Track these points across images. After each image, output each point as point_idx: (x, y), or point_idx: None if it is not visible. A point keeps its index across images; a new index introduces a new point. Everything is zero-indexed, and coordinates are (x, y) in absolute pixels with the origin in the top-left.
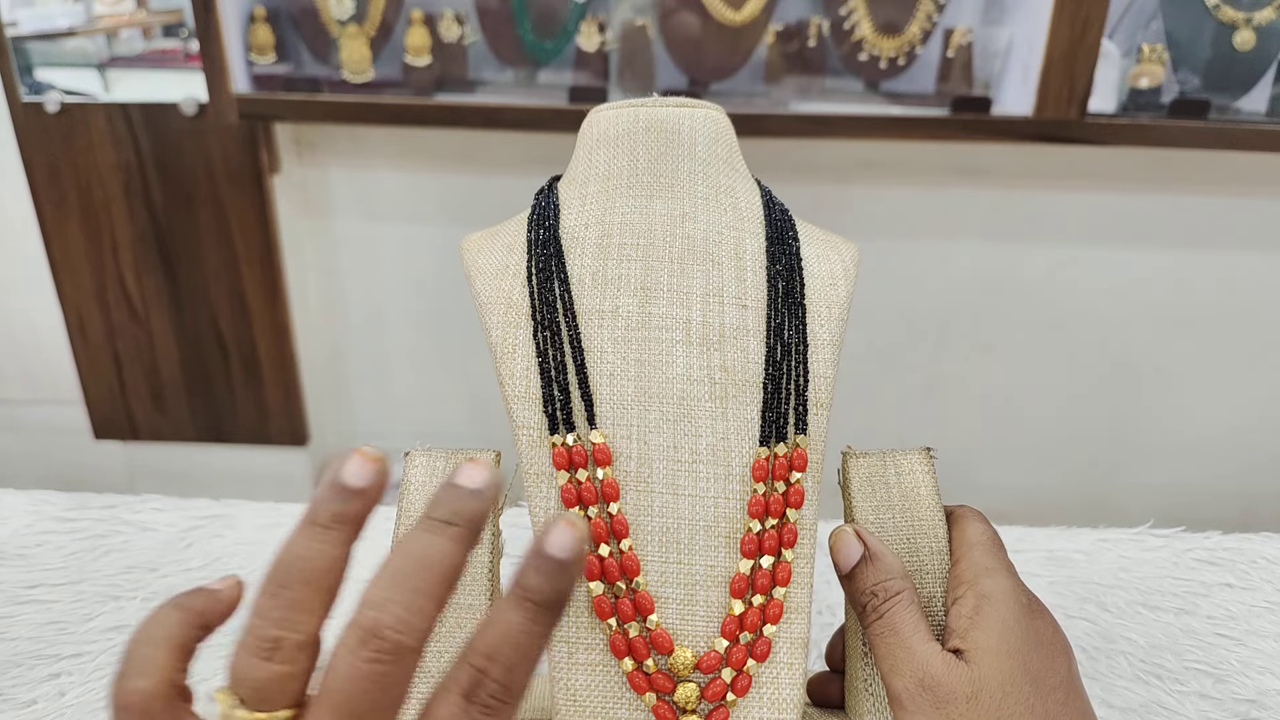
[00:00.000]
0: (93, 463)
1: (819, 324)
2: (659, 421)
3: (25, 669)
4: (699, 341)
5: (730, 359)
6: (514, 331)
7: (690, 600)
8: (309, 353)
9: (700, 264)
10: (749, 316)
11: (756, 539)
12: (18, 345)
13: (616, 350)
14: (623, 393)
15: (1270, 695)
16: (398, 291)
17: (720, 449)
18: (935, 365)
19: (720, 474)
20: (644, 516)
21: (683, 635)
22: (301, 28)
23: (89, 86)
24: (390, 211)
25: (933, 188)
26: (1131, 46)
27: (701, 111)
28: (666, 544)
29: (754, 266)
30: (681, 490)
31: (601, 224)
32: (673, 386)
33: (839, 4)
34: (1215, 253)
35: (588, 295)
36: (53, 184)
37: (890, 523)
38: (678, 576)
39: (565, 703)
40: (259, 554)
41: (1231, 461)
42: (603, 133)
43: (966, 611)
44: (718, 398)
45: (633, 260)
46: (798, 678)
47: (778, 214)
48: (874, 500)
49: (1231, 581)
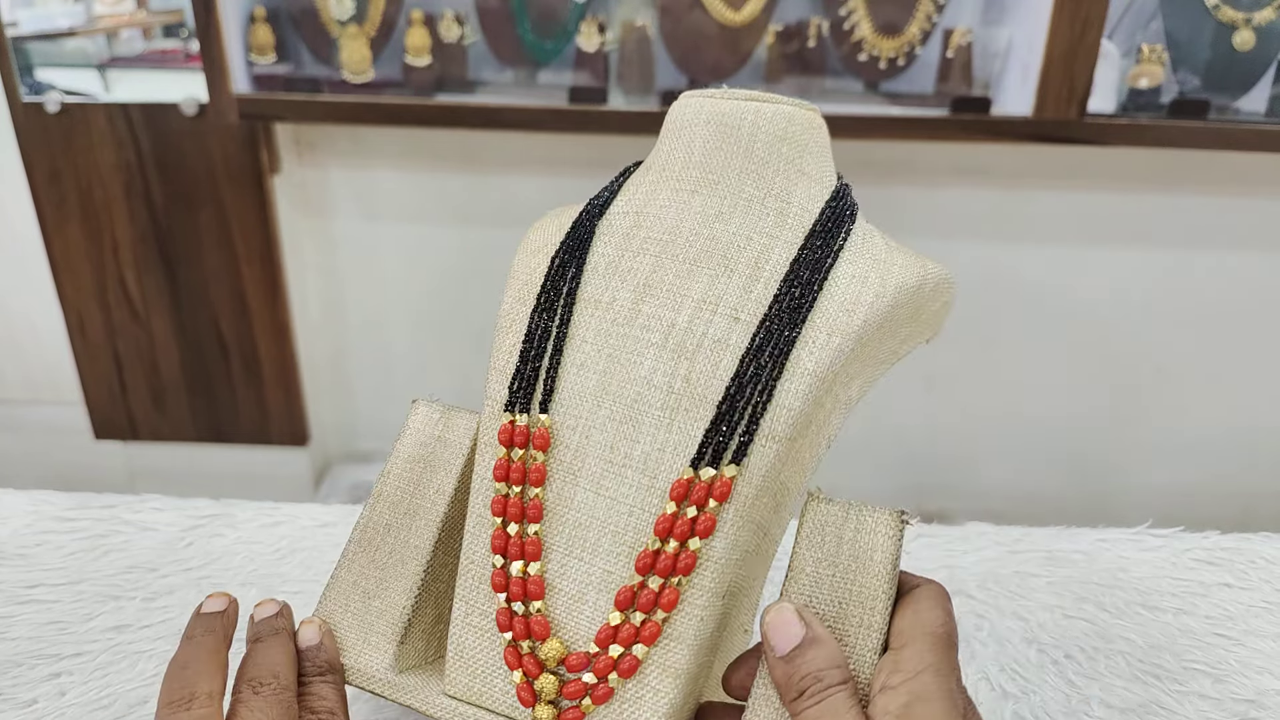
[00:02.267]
0: (93, 463)
1: (807, 351)
2: (606, 420)
3: (25, 668)
4: (674, 348)
5: (697, 371)
6: (518, 307)
7: (580, 598)
8: (309, 353)
9: (712, 268)
10: (736, 331)
11: (653, 556)
12: (18, 345)
13: (595, 342)
14: (585, 385)
15: (1269, 695)
16: (398, 291)
17: (653, 460)
18: (935, 365)
19: (645, 484)
20: (562, 507)
21: (564, 629)
22: (302, 28)
23: (89, 87)
24: (390, 211)
25: (933, 188)
26: (1131, 47)
27: (773, 108)
28: (574, 539)
29: (769, 278)
30: (604, 491)
31: (639, 214)
32: (630, 388)
33: (839, 4)
34: (1215, 253)
35: (594, 284)
36: (53, 184)
37: (828, 580)
38: (575, 573)
39: (454, 656)
40: (259, 554)
41: (1230, 461)
42: (673, 121)
43: (894, 709)
44: (669, 408)
45: (648, 254)
46: (661, 707)
47: (834, 220)
48: (818, 552)
49: (1230, 581)
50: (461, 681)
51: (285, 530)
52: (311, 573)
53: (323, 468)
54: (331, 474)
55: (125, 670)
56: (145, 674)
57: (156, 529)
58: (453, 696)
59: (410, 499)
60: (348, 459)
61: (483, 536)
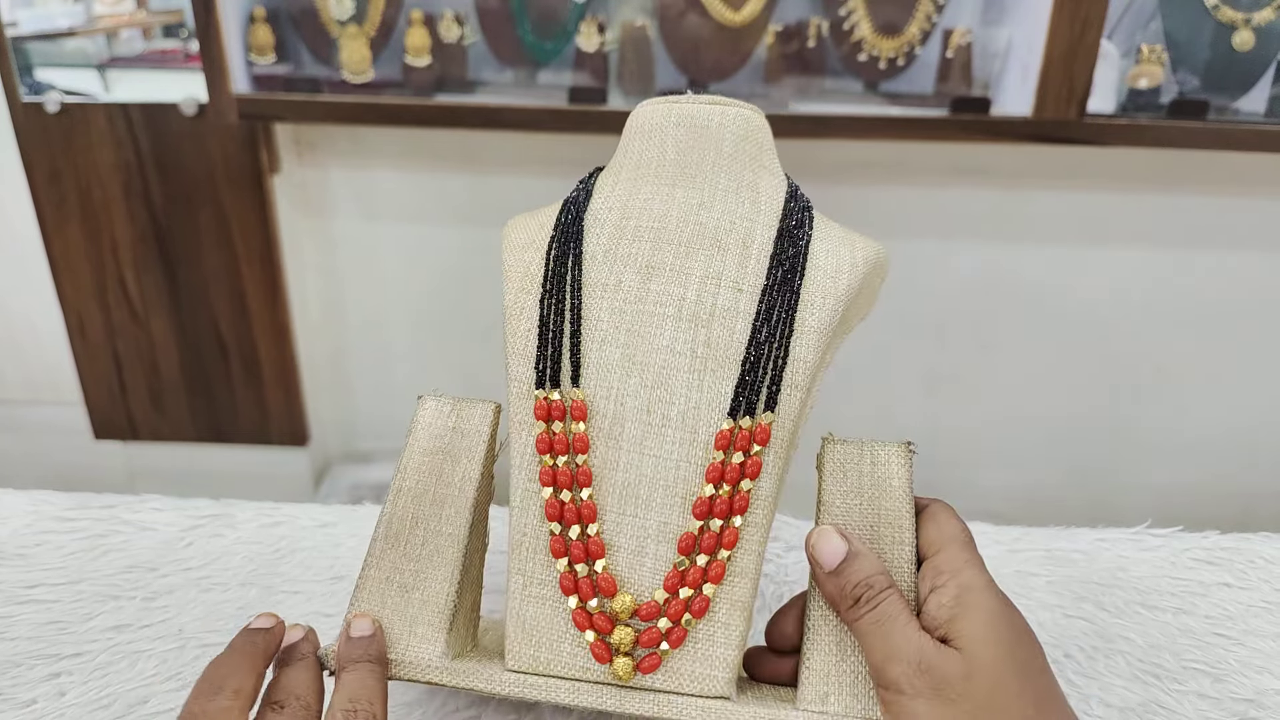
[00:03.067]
0: (92, 463)
1: (809, 312)
2: (638, 386)
3: (25, 669)
4: (689, 318)
5: (716, 336)
6: (525, 297)
7: (640, 551)
8: (309, 353)
9: (706, 249)
10: (742, 300)
11: (708, 502)
12: (18, 345)
13: (612, 320)
14: (609, 358)
15: (1268, 694)
16: (398, 291)
17: (690, 416)
18: (935, 365)
19: (686, 439)
20: (609, 470)
21: (629, 583)
22: (301, 28)
23: (89, 87)
24: (390, 212)
25: (932, 188)
26: (1130, 47)
27: (734, 110)
28: (625, 497)
29: (759, 254)
30: (648, 450)
31: (624, 207)
32: (656, 356)
33: (838, 4)
34: (1214, 253)
35: (597, 269)
36: (53, 184)
37: (857, 509)
38: (632, 528)
39: (515, 630)
40: (259, 554)
41: (1230, 461)
42: (640, 125)
43: (947, 601)
44: (696, 370)
45: (643, 241)
46: (734, 639)
47: (799, 209)
48: (844, 485)
49: (1230, 581)
50: (527, 654)
51: (285, 530)
52: (311, 573)
53: (322, 468)
54: (331, 474)
55: (125, 670)
56: (145, 674)
57: (156, 529)
58: (518, 671)
59: (434, 489)
60: (348, 459)
61: (532, 509)
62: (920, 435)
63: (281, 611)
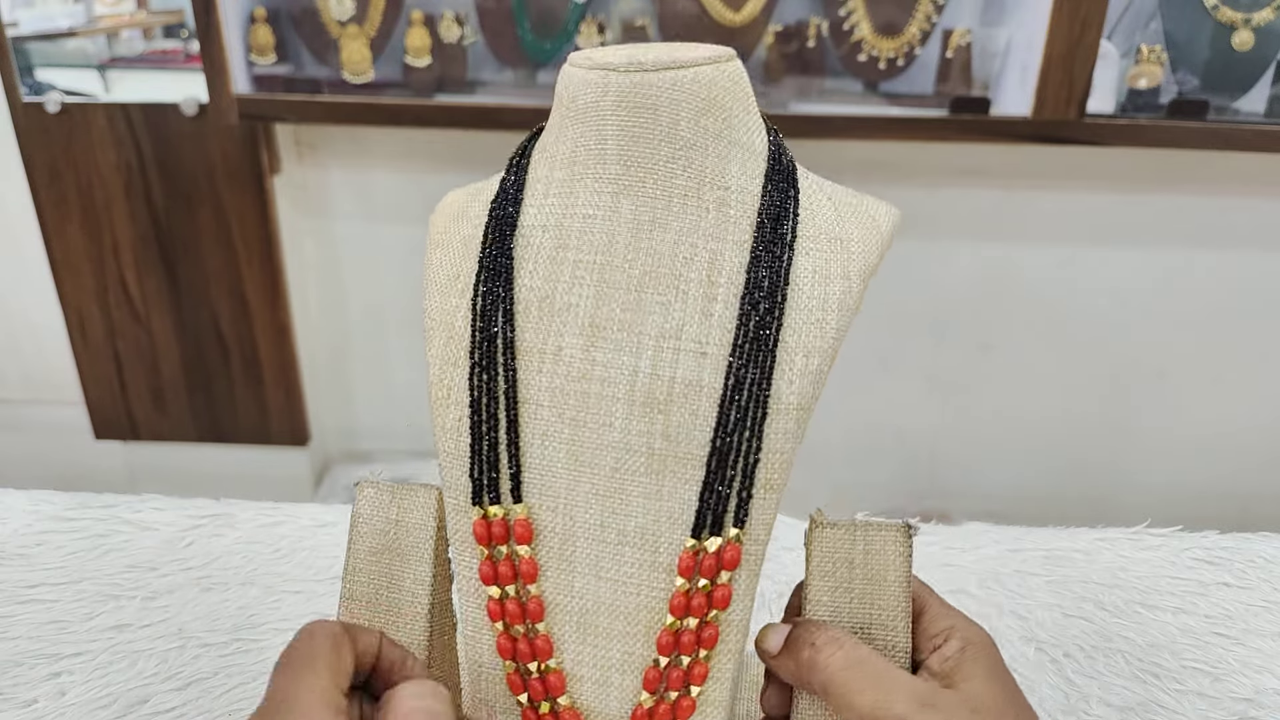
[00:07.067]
0: (93, 462)
1: (786, 382)
2: (588, 495)
3: (26, 668)
4: (642, 401)
5: (675, 424)
6: (452, 371)
7: (605, 683)
8: (309, 353)
9: (661, 291)
10: (705, 368)
11: (674, 636)
12: (18, 345)
13: (553, 404)
14: (553, 457)
15: (1267, 694)
16: (398, 291)
17: (650, 532)
18: (935, 365)
19: (647, 561)
20: (564, 597)
21: (596, 714)
22: (302, 28)
23: (89, 87)
24: (390, 212)
25: (932, 188)
26: (1130, 47)
27: (690, 74)
28: (584, 627)
29: (726, 294)
30: (604, 574)
31: (560, 227)
32: (607, 454)
33: (838, 4)
34: (1214, 253)
35: (532, 328)
36: (53, 184)
37: (845, 607)
38: (593, 660)
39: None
40: (259, 553)
41: (1229, 461)
42: (573, 98)
43: (952, 654)
44: (654, 472)
45: (585, 284)
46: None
47: (777, 199)
48: (832, 581)
49: (1229, 581)
50: None
51: (285, 530)
52: (311, 572)
53: (323, 468)
54: (331, 474)
55: (125, 669)
56: (145, 673)
57: (157, 529)
58: None
59: (387, 595)
60: (348, 459)
61: (484, 641)
62: (920, 435)
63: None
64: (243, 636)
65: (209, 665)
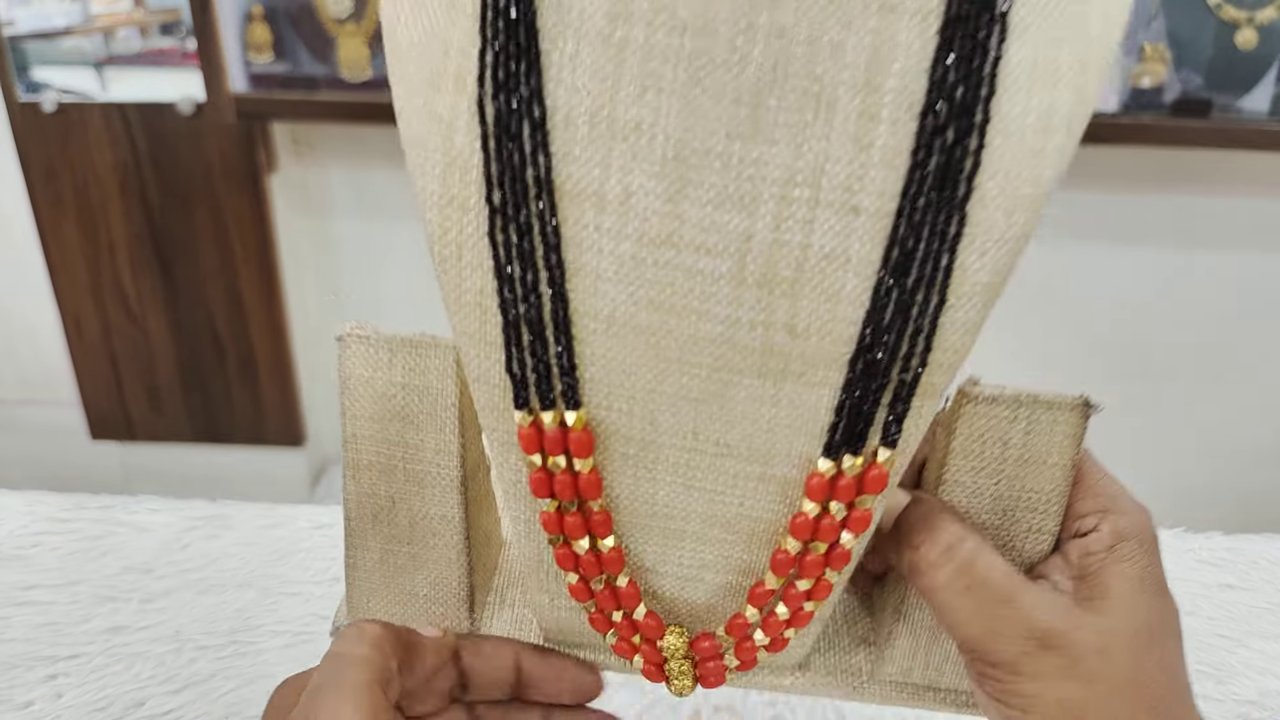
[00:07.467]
0: (89, 463)
1: (978, 250)
2: (676, 399)
3: (22, 670)
4: (757, 281)
5: (807, 314)
6: (461, 217)
7: (694, 579)
8: (306, 353)
9: (794, 107)
10: (856, 231)
11: (794, 559)
12: (14, 345)
13: (620, 280)
14: (625, 354)
15: (1271, 696)
16: (396, 291)
17: (760, 444)
18: None
19: (754, 474)
20: (641, 510)
21: (681, 603)
22: (299, 26)
23: (86, 86)
24: (388, 211)
25: None
26: (1133, 46)
27: None
28: (668, 533)
29: (898, 105)
30: (696, 483)
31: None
32: (704, 350)
33: None
34: (1216, 252)
35: (579, 157)
36: (49, 183)
37: (990, 489)
38: (678, 560)
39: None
40: (256, 555)
41: (1232, 461)
42: None
43: (1099, 548)
44: (772, 373)
45: (665, 87)
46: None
47: None
48: (978, 461)
49: (1232, 582)
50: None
51: (282, 532)
52: (309, 574)
53: (319, 469)
54: (328, 475)
55: (122, 672)
56: (142, 676)
57: (153, 530)
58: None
59: (404, 465)
60: None
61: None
62: None
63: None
64: (240, 639)
65: (206, 668)
